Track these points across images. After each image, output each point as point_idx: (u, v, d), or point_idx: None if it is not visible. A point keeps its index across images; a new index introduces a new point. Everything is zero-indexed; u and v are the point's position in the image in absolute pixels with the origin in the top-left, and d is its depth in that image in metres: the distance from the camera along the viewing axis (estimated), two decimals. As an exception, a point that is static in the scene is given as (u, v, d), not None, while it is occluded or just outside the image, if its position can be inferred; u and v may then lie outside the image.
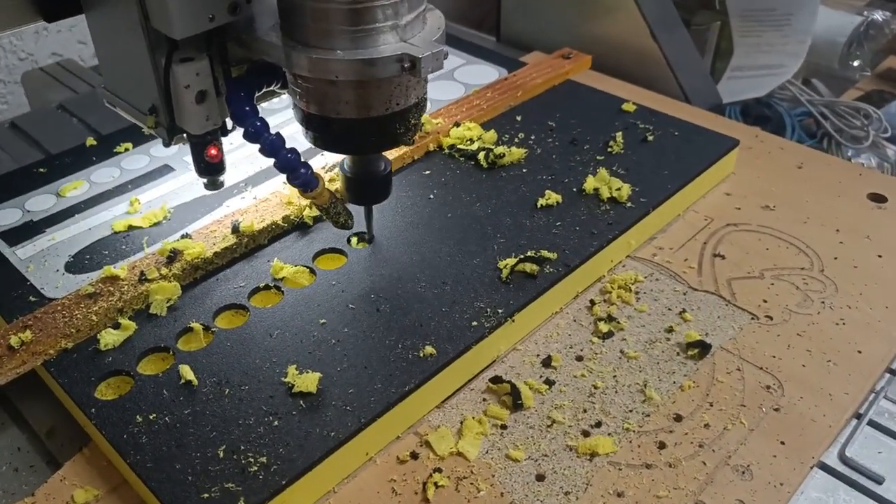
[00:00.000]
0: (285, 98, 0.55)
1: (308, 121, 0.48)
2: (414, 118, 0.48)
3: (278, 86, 0.51)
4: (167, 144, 0.49)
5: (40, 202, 0.60)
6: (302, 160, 0.50)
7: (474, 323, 0.49)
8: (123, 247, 0.56)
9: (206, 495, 0.40)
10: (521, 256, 0.54)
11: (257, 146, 0.49)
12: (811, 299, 0.56)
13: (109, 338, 0.48)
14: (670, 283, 0.57)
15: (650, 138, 0.67)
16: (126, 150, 0.66)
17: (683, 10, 0.97)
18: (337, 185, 0.56)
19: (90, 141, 0.67)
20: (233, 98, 0.48)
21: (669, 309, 0.55)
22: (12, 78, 1.04)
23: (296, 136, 0.52)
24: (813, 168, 0.69)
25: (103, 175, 0.63)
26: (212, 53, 0.47)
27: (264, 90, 0.50)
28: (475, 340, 0.48)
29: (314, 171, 0.50)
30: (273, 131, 0.49)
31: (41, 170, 0.64)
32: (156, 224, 0.58)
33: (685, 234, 0.62)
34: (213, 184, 0.52)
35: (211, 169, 0.51)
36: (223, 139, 0.51)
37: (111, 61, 0.51)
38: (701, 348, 0.51)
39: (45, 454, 0.48)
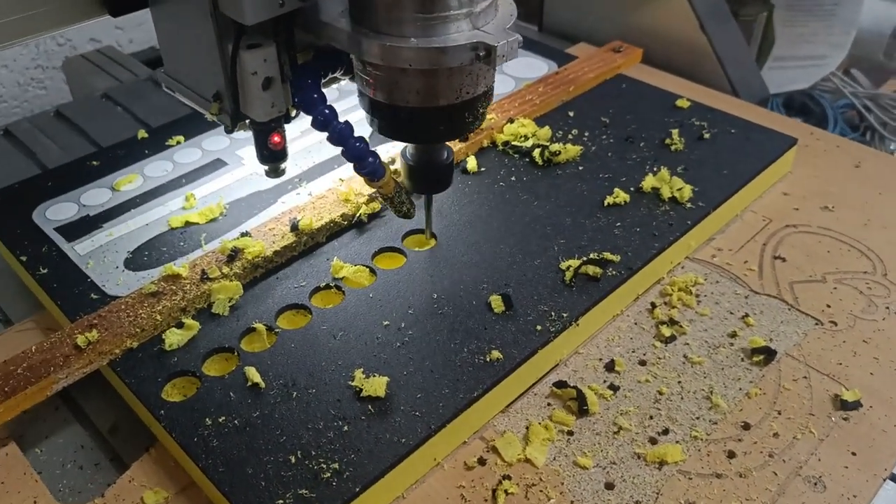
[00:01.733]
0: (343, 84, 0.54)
1: (375, 108, 0.47)
2: (482, 107, 0.47)
3: (342, 72, 0.50)
4: (230, 131, 0.48)
5: (96, 196, 0.60)
6: (370, 149, 0.49)
7: (538, 327, 0.49)
8: (181, 243, 0.56)
9: (280, 501, 0.40)
10: (585, 259, 0.53)
11: (324, 135, 0.48)
12: (875, 304, 0.55)
13: (174, 337, 0.48)
14: (731, 285, 0.56)
15: (706, 136, 0.66)
16: (178, 143, 0.66)
17: (730, 1, 0.96)
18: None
19: (142, 133, 0.67)
20: (301, 85, 0.48)
21: (731, 313, 0.54)
22: (51, 63, 1.03)
23: (357, 123, 0.51)
24: (871, 167, 0.68)
25: (157, 169, 0.63)
26: (279, 39, 0.46)
27: (328, 77, 0.50)
28: (541, 345, 0.48)
29: (381, 160, 0.50)
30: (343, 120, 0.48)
31: (94, 162, 0.64)
32: (212, 220, 0.58)
33: (744, 236, 0.61)
34: (276, 171, 0.52)
35: (274, 156, 0.50)
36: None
37: (175, 48, 0.50)
38: (766, 354, 0.51)
39: (109, 451, 0.49)
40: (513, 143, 0.65)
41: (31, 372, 0.45)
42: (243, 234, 0.54)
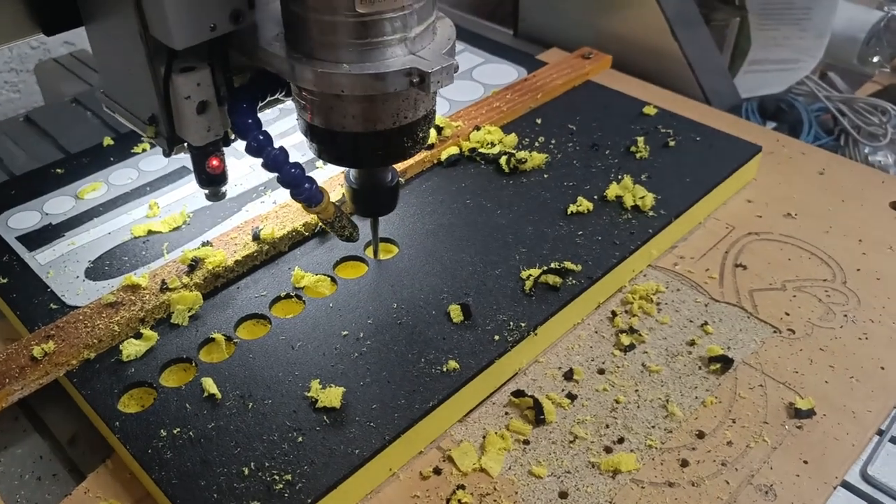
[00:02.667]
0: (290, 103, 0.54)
1: (312, 133, 0.47)
2: (422, 131, 0.47)
3: (283, 94, 0.49)
4: (167, 154, 0.48)
5: (59, 204, 0.60)
6: (306, 175, 0.48)
7: (497, 336, 0.49)
8: (143, 252, 0.56)
9: (231, 514, 0.40)
10: (545, 268, 0.53)
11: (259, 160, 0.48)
12: (834, 312, 0.55)
13: (132, 348, 0.48)
14: (692, 293, 0.57)
15: (671, 143, 0.66)
16: (143, 150, 0.66)
17: (703, 7, 0.96)
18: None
19: (107, 140, 0.67)
20: (235, 110, 0.47)
21: (691, 321, 0.55)
22: (24, 67, 1.03)
23: (302, 145, 0.51)
24: (835, 174, 0.68)
25: (121, 177, 0.63)
26: (213, 62, 0.45)
27: (268, 99, 0.49)
28: (498, 354, 0.48)
29: (319, 185, 0.49)
30: (277, 144, 0.47)
31: (59, 170, 0.64)
32: (175, 229, 0.58)
33: (706, 243, 0.61)
34: (216, 195, 0.51)
35: (213, 180, 0.49)
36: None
37: (110, 69, 0.49)
38: (723, 363, 0.51)
39: (68, 462, 0.49)
40: (480, 150, 0.65)
41: (-14, 384, 0.45)
42: (204, 244, 0.54)
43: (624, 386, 0.50)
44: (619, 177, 0.62)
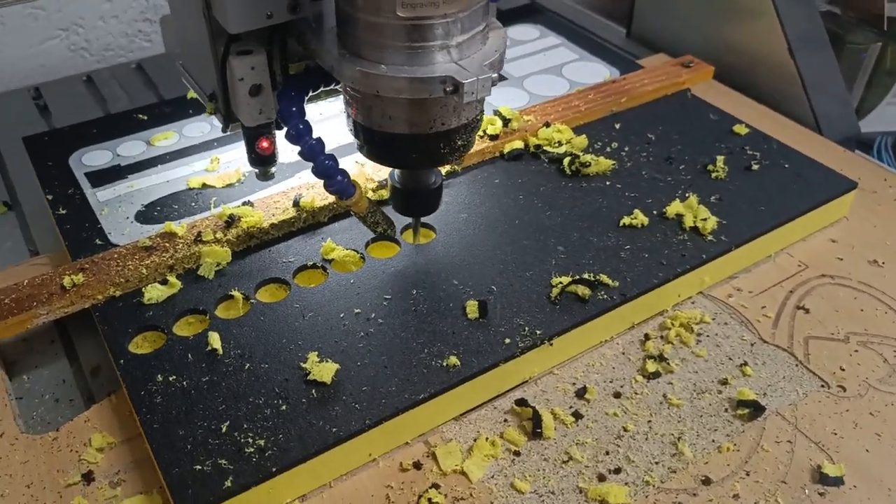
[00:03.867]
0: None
1: (355, 128, 0.47)
2: (462, 139, 0.46)
3: (334, 86, 0.50)
4: (224, 130, 0.50)
5: (131, 148, 0.63)
6: (339, 167, 0.49)
7: (507, 340, 0.47)
8: (193, 203, 0.57)
9: (198, 467, 0.40)
10: (577, 277, 0.51)
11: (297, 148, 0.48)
12: (898, 376, 0.50)
13: (154, 292, 0.50)
14: (739, 330, 0.52)
15: (755, 167, 0.61)
16: (221, 107, 0.68)
17: (838, 26, 0.89)
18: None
19: (191, 94, 0.69)
20: (282, 96, 0.48)
21: (730, 359, 0.51)
22: (158, 17, 1.09)
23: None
24: (942, 225, 0.61)
25: (194, 129, 0.65)
26: (271, 48, 0.47)
27: (321, 89, 0.50)
28: (504, 359, 0.46)
29: (351, 178, 0.49)
30: (316, 135, 0.48)
31: (142, 116, 0.67)
32: (228, 186, 0.59)
33: (771, 279, 0.56)
34: (265, 175, 0.53)
35: (262, 160, 0.51)
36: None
37: (185, 42, 0.52)
38: (753, 409, 0.47)
39: (86, 391, 0.51)
40: (545, 147, 0.62)
41: (15, 304, 0.48)
42: (244, 203, 0.55)
43: (637, 414, 0.47)
44: (686, 195, 0.58)
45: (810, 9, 0.78)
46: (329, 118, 0.66)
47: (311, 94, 0.50)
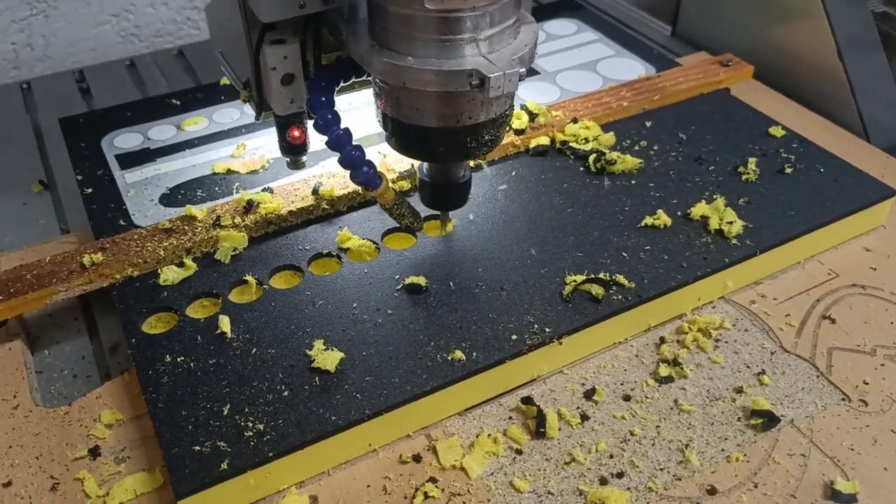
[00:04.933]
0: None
1: (383, 120, 0.47)
2: (489, 133, 0.46)
3: (367, 76, 0.50)
4: (257, 118, 0.51)
5: (162, 132, 0.64)
6: (366, 158, 0.49)
7: (514, 337, 0.47)
8: (217, 188, 0.58)
9: (197, 448, 0.41)
10: (591, 276, 0.50)
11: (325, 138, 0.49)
12: (926, 393, 0.48)
13: (170, 274, 0.50)
14: (760, 337, 0.51)
15: (788, 170, 0.59)
16: (253, 94, 0.69)
17: (893, 28, 0.85)
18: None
19: (224, 80, 0.70)
20: (312, 85, 0.48)
21: (748, 367, 0.49)
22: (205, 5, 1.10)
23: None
24: None
25: (224, 115, 0.66)
26: (306, 38, 0.47)
27: (353, 80, 0.50)
28: (510, 356, 0.46)
29: (377, 170, 0.49)
30: (344, 126, 0.48)
31: (175, 101, 0.68)
32: (253, 172, 0.60)
33: (798, 286, 0.54)
34: (295, 163, 0.53)
35: (293, 149, 0.52)
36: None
37: (222, 29, 0.53)
38: (767, 419, 0.45)
39: (104, 368, 0.52)
40: (571, 143, 0.61)
41: (36, 280, 0.49)
42: (264, 189, 0.56)
43: (645, 419, 0.46)
44: (714, 196, 0.56)
45: (862, 9, 0.76)
46: (355, 108, 0.66)
47: (341, 84, 0.50)
